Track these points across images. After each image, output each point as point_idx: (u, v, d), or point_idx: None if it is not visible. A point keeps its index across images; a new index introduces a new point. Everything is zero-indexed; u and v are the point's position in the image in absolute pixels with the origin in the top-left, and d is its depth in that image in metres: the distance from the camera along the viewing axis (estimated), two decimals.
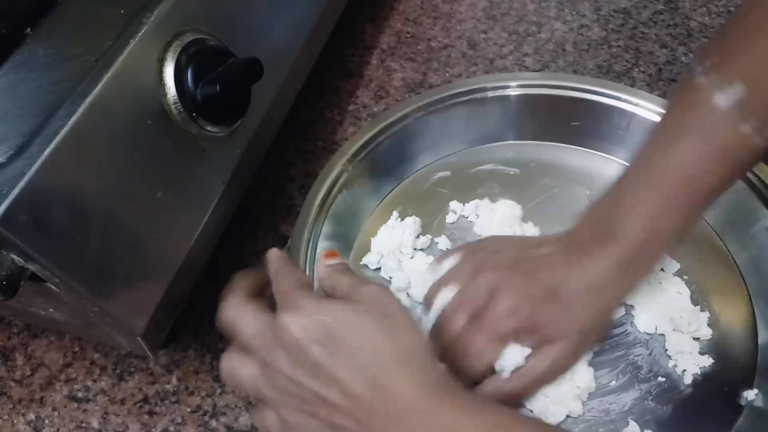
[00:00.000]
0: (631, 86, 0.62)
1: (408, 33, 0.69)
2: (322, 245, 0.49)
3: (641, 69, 0.63)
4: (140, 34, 0.37)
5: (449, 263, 0.45)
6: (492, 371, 0.41)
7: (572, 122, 0.56)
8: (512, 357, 0.40)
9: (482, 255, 0.44)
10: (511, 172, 0.55)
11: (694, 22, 0.67)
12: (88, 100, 0.34)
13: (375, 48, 0.68)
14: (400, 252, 0.50)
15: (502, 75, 0.60)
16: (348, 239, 0.52)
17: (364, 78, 0.65)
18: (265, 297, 0.37)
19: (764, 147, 0.38)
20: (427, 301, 0.44)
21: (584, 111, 0.55)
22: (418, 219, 0.52)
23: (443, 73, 0.65)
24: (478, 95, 0.56)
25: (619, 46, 0.65)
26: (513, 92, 0.56)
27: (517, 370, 0.40)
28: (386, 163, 0.55)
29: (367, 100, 0.63)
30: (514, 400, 0.42)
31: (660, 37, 0.66)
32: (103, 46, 0.36)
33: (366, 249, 0.51)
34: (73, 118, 0.33)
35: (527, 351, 0.40)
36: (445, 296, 0.43)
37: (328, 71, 0.65)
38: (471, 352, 0.40)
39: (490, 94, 0.56)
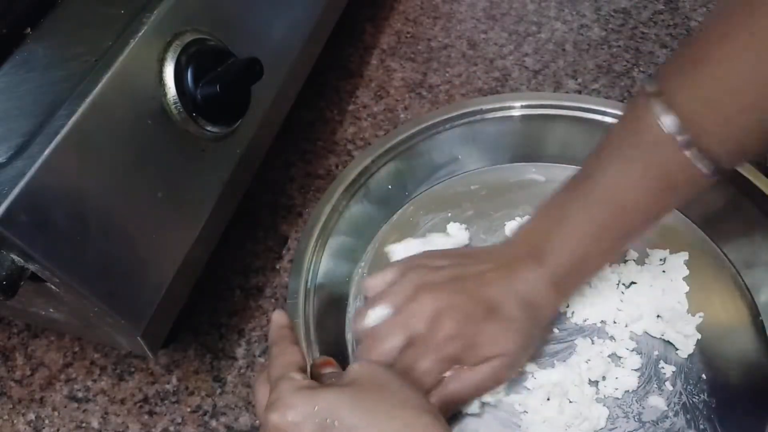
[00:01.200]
0: (631, 86, 0.62)
1: (408, 33, 0.69)
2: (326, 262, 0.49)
3: (641, 69, 0.63)
4: (140, 34, 0.37)
5: (382, 279, 0.45)
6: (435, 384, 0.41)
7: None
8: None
9: (419, 272, 0.43)
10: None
11: (694, 22, 0.67)
12: (88, 100, 0.34)
13: (375, 48, 0.68)
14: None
15: (519, 95, 0.60)
16: (355, 252, 0.52)
17: (364, 78, 0.65)
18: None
19: (708, 178, 0.38)
20: (356, 319, 0.44)
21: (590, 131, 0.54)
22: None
23: (443, 73, 0.65)
24: (501, 113, 0.56)
25: (619, 46, 0.65)
26: (528, 112, 0.55)
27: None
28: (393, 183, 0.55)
29: (367, 100, 0.63)
30: (451, 405, 0.42)
31: (660, 37, 0.66)
32: (103, 46, 0.36)
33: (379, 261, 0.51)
34: (73, 118, 0.33)
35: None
36: (378, 314, 0.42)
37: (328, 71, 0.65)
38: (415, 374, 0.40)
39: (515, 113, 0.56)
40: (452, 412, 0.42)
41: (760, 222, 0.48)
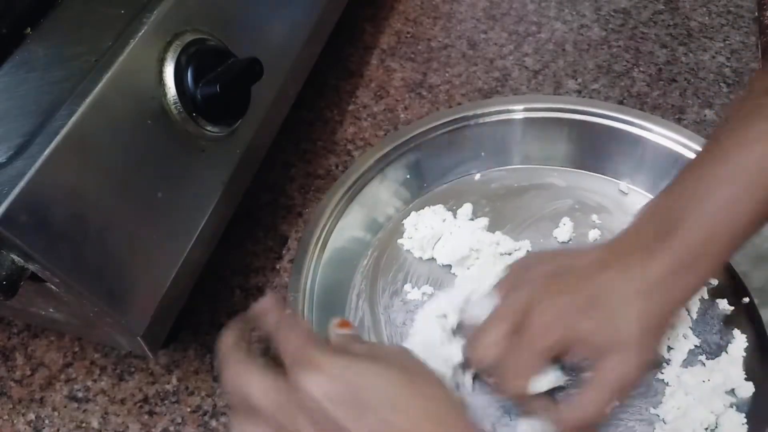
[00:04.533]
0: (631, 86, 0.62)
1: (408, 33, 0.69)
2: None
3: (641, 69, 0.63)
4: (140, 34, 0.37)
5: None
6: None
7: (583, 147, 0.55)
8: (546, 380, 0.38)
9: (522, 267, 0.42)
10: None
11: (694, 22, 0.67)
12: (88, 100, 0.34)
13: (375, 48, 0.68)
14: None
15: (515, 98, 0.60)
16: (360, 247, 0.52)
17: (364, 78, 0.65)
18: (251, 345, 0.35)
19: None
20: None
21: (598, 136, 0.54)
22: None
23: (443, 73, 0.65)
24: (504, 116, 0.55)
25: (619, 46, 0.65)
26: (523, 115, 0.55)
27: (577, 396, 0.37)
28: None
29: (367, 100, 0.63)
30: (596, 422, 0.38)
31: (660, 37, 0.66)
32: (103, 46, 0.36)
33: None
34: (73, 118, 0.33)
35: (562, 378, 0.38)
36: (485, 308, 0.41)
37: (328, 71, 0.65)
38: (509, 372, 0.38)
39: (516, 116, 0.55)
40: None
41: None
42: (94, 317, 0.37)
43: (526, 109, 0.55)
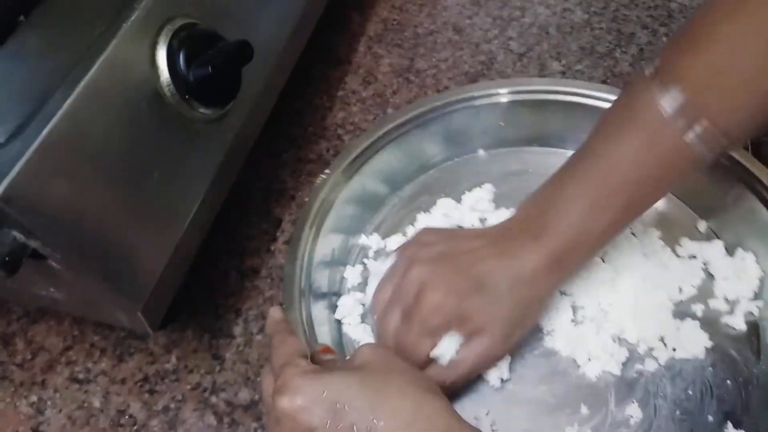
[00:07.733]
0: (614, 67, 0.63)
1: (394, 20, 0.70)
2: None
3: (623, 50, 0.65)
4: (132, 18, 0.38)
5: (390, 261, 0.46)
6: (430, 360, 0.41)
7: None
8: (447, 347, 0.41)
9: (413, 249, 0.44)
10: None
11: (675, 3, 0.69)
12: (83, 83, 0.35)
13: (362, 35, 0.69)
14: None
15: (493, 83, 0.59)
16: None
17: (353, 65, 0.66)
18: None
19: (708, 157, 0.38)
20: (372, 305, 0.45)
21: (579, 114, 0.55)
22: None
23: (430, 58, 0.66)
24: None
25: (601, 28, 0.67)
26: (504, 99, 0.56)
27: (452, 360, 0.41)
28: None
29: (355, 86, 0.64)
30: (452, 388, 0.42)
31: (641, 19, 0.67)
32: (96, 32, 0.37)
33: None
34: (69, 101, 0.34)
35: (460, 340, 0.41)
36: (382, 297, 0.43)
37: (316, 59, 0.66)
38: (407, 348, 0.41)
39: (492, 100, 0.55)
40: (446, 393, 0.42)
41: (760, 212, 0.48)
42: (94, 294, 0.38)
43: (515, 92, 0.55)
